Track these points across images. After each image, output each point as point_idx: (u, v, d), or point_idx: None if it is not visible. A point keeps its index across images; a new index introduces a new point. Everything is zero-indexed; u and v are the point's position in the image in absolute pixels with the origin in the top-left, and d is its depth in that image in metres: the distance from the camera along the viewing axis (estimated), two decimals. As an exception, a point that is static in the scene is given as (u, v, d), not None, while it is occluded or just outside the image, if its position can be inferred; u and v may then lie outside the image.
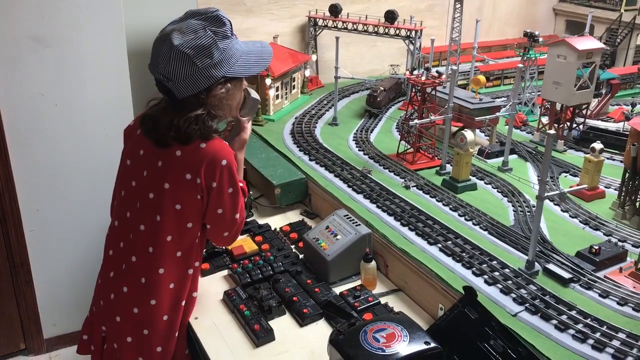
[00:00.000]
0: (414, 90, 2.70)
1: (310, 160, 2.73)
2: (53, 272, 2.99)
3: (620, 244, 2.03)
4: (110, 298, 1.82)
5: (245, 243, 2.28)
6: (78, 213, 2.94)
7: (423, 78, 2.60)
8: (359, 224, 2.14)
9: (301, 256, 2.24)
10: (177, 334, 1.80)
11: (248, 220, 2.49)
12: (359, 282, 2.08)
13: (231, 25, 1.70)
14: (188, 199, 1.69)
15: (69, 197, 2.90)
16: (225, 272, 2.19)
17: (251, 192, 2.56)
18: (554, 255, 1.95)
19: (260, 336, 1.80)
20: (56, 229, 2.93)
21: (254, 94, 1.91)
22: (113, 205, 1.91)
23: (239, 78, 1.76)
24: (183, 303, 1.79)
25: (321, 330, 1.86)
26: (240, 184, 1.81)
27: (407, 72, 2.79)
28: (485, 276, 1.85)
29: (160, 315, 1.76)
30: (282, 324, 1.89)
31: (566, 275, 1.83)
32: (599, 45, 2.82)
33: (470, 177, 2.48)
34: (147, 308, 1.75)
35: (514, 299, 1.75)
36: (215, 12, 1.67)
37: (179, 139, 1.66)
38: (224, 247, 2.28)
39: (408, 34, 3.48)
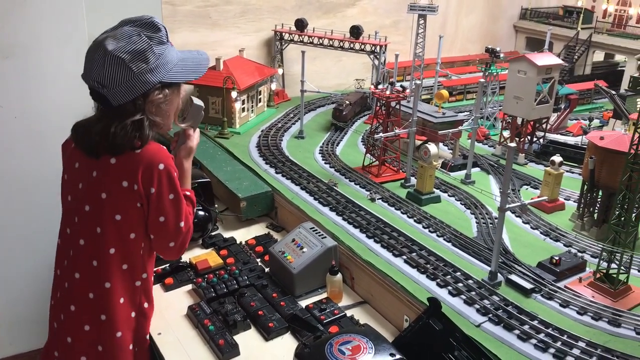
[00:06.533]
0: (379, 104, 2.73)
1: (277, 173, 2.72)
2: (10, 289, 2.91)
3: (579, 254, 2.08)
4: (61, 319, 1.74)
5: (209, 257, 2.26)
6: (38, 227, 2.87)
7: (388, 92, 2.63)
8: (325, 237, 2.14)
9: (267, 269, 2.23)
10: (131, 348, 1.74)
11: (213, 234, 2.46)
12: (325, 295, 2.07)
13: (166, 32, 1.67)
14: (127, 208, 1.63)
15: (29, 212, 2.83)
16: (189, 286, 2.16)
17: (217, 206, 2.54)
18: (516, 266, 1.99)
19: (225, 351, 1.78)
20: (14, 244, 2.85)
21: (197, 101, 1.86)
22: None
23: (177, 84, 1.71)
24: (133, 315, 1.73)
25: (287, 344, 1.85)
26: (187, 193, 1.77)
27: (372, 87, 2.82)
28: (450, 287, 1.87)
29: (113, 331, 1.69)
30: (247, 339, 1.87)
31: (528, 285, 1.86)
32: (558, 61, 2.90)
33: (434, 189, 2.51)
34: (99, 324, 1.68)
35: (477, 310, 1.77)
36: (150, 19, 1.65)
37: (113, 147, 1.60)
38: (188, 261, 2.25)
39: (373, 49, 3.53)
